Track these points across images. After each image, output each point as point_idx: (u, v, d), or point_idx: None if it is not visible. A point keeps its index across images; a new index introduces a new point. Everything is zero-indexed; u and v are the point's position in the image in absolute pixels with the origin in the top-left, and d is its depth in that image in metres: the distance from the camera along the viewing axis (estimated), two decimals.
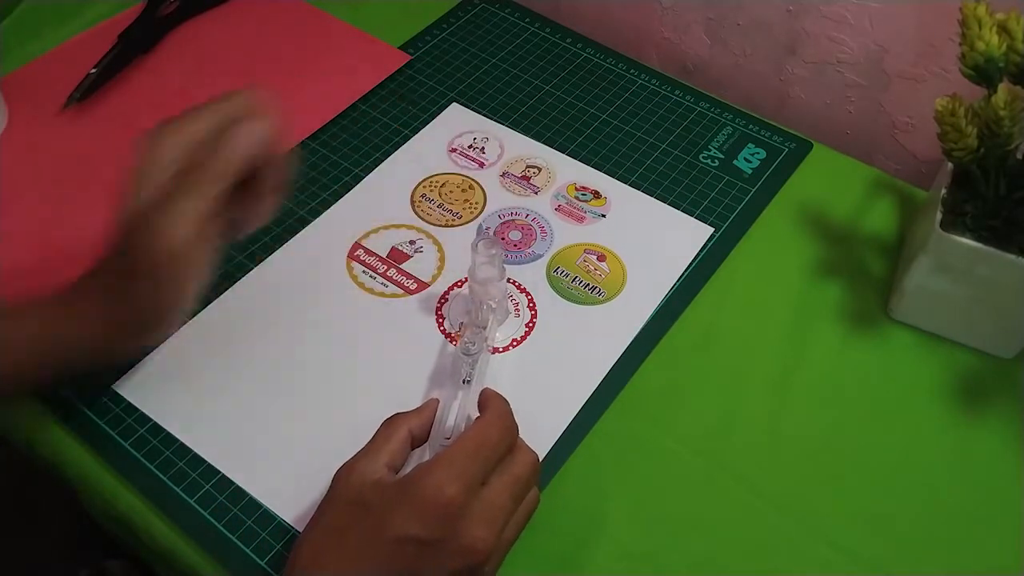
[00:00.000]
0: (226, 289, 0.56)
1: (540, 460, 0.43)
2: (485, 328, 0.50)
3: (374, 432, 0.43)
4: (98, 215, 0.60)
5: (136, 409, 0.50)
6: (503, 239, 0.59)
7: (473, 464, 0.39)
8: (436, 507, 0.37)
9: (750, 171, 0.64)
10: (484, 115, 0.68)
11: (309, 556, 0.39)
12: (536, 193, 0.62)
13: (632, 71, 0.72)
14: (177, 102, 0.68)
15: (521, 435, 0.43)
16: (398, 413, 0.44)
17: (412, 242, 0.59)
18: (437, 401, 0.46)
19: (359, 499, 0.39)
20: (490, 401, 0.43)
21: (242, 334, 0.54)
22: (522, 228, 0.60)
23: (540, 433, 0.49)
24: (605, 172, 0.64)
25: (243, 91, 0.45)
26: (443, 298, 0.56)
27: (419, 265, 0.58)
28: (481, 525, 0.38)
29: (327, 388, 0.51)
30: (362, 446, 0.42)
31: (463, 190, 0.62)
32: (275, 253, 0.58)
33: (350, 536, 0.38)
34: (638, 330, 0.55)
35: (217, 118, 0.44)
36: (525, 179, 0.63)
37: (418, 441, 0.44)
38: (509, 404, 0.43)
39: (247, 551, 0.45)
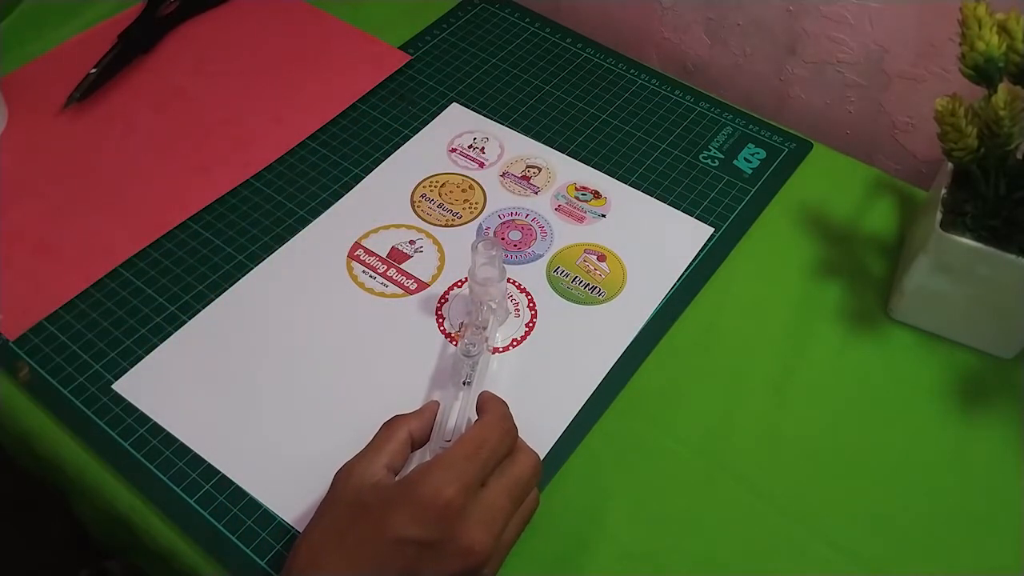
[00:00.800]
0: (226, 289, 0.56)
1: (541, 461, 0.43)
2: (485, 329, 0.50)
3: (374, 432, 0.43)
4: (98, 215, 0.60)
5: (136, 409, 0.50)
6: (503, 239, 0.59)
7: (471, 466, 0.39)
8: (434, 509, 0.37)
9: (750, 171, 0.64)
10: (484, 115, 0.68)
11: (307, 557, 0.39)
12: (536, 193, 0.62)
13: (632, 71, 0.72)
14: (177, 102, 0.69)
15: (521, 435, 0.43)
16: (398, 415, 0.44)
17: (412, 242, 0.59)
18: (437, 403, 0.46)
19: (358, 500, 0.39)
20: (488, 403, 0.43)
21: (242, 334, 0.54)
22: (522, 228, 0.60)
23: (540, 433, 0.49)
24: (605, 172, 0.64)
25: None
26: (443, 298, 0.56)
27: (419, 265, 0.58)
28: (480, 527, 0.38)
29: (327, 388, 0.51)
30: (362, 446, 0.42)
31: (463, 190, 0.62)
32: (275, 253, 0.58)
33: (349, 537, 0.38)
34: (638, 330, 0.55)
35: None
36: (525, 179, 0.63)
37: (418, 443, 0.44)
38: (508, 406, 0.43)
39: (247, 551, 0.45)
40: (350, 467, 0.41)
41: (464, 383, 0.47)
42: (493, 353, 0.53)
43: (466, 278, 0.56)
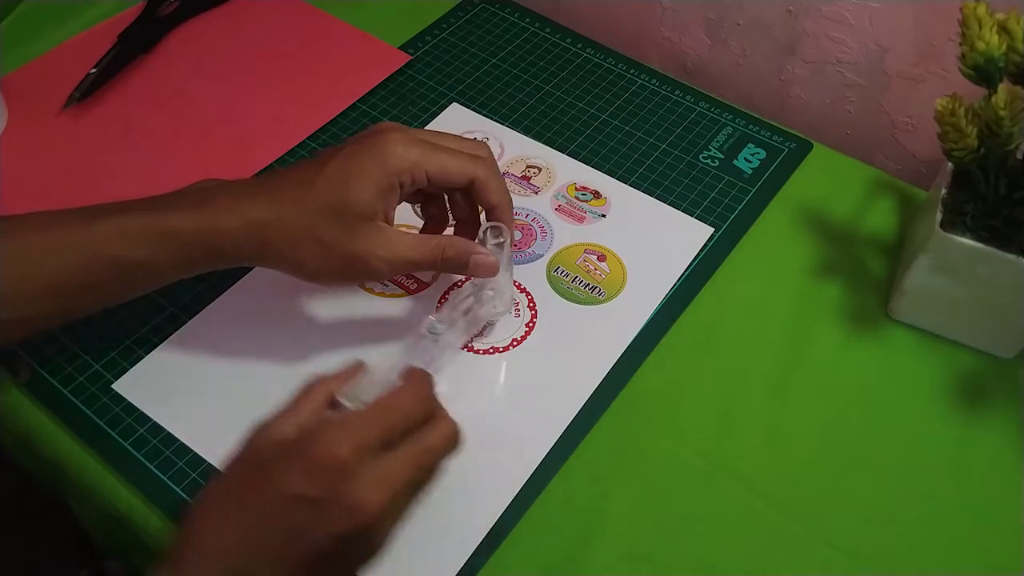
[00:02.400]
0: (226, 289, 0.56)
1: (460, 432, 0.42)
2: (466, 315, 0.49)
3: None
4: None
5: (136, 409, 0.50)
6: None
7: (372, 429, 0.38)
8: (324, 466, 0.37)
9: (750, 171, 0.64)
10: (484, 115, 0.68)
11: (201, 512, 0.38)
12: (536, 193, 0.62)
13: (632, 71, 0.72)
14: (177, 102, 0.69)
15: (520, 435, 0.43)
16: (320, 375, 0.43)
17: None
18: (362, 363, 0.45)
19: (258, 460, 0.39)
20: (410, 374, 0.43)
21: (242, 334, 0.54)
22: (522, 228, 0.60)
23: (540, 433, 0.49)
24: (605, 172, 0.64)
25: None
26: (443, 298, 0.56)
27: None
28: (370, 488, 0.37)
29: None
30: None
31: None
32: None
33: (242, 493, 0.38)
34: (638, 330, 0.55)
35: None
36: (525, 179, 0.63)
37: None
38: (431, 379, 0.43)
39: None
40: (260, 428, 0.40)
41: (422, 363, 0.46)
42: (493, 354, 0.53)
43: (467, 277, 0.56)
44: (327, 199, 0.45)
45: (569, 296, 0.56)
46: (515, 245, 0.59)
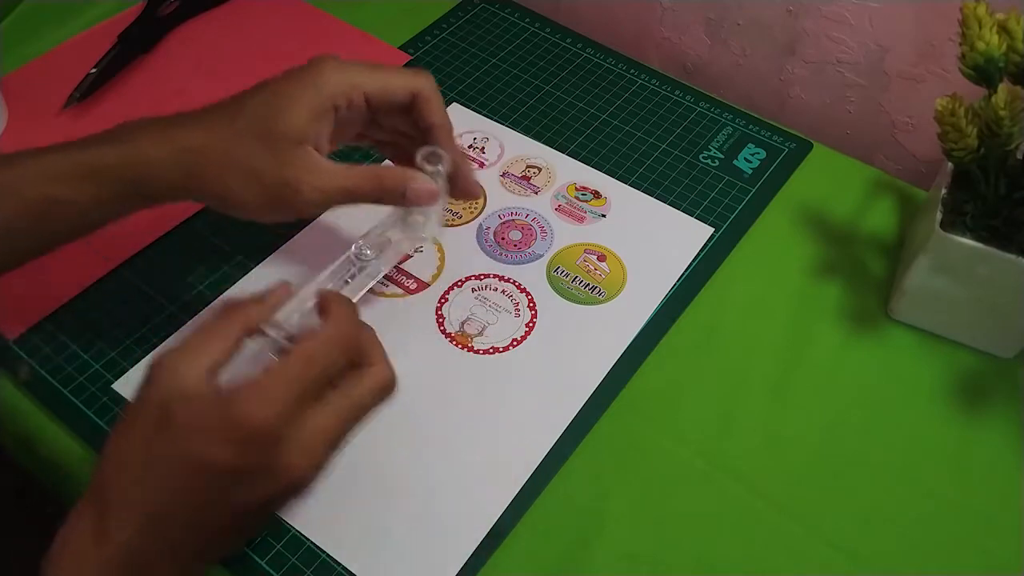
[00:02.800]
0: (226, 289, 0.56)
1: (395, 378, 0.39)
2: (390, 239, 0.47)
3: (369, 426, 0.40)
4: None
5: None
6: (503, 239, 0.59)
7: (293, 388, 0.35)
8: (249, 434, 0.34)
9: (750, 171, 0.64)
10: (484, 115, 0.68)
11: (111, 466, 0.36)
12: (536, 193, 0.62)
13: (632, 71, 0.72)
14: (177, 102, 0.68)
15: (520, 436, 0.43)
16: (236, 301, 0.39)
17: None
18: (288, 287, 0.41)
19: (166, 412, 0.35)
20: (331, 308, 0.39)
21: None
22: (522, 228, 0.60)
23: (540, 433, 0.49)
24: (605, 172, 0.64)
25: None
26: (443, 298, 0.56)
27: (419, 265, 0.58)
28: (300, 452, 0.35)
29: None
30: (361, 445, 0.41)
31: None
32: (275, 253, 0.58)
33: (153, 453, 0.35)
34: (638, 330, 0.55)
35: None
36: (525, 179, 0.63)
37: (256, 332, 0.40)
38: (356, 310, 0.39)
39: (246, 551, 0.45)
40: (169, 363, 0.36)
41: (345, 281, 0.44)
42: (493, 354, 0.53)
43: (467, 277, 0.56)
44: (256, 123, 0.43)
45: (569, 296, 0.56)
46: (515, 245, 0.59)
